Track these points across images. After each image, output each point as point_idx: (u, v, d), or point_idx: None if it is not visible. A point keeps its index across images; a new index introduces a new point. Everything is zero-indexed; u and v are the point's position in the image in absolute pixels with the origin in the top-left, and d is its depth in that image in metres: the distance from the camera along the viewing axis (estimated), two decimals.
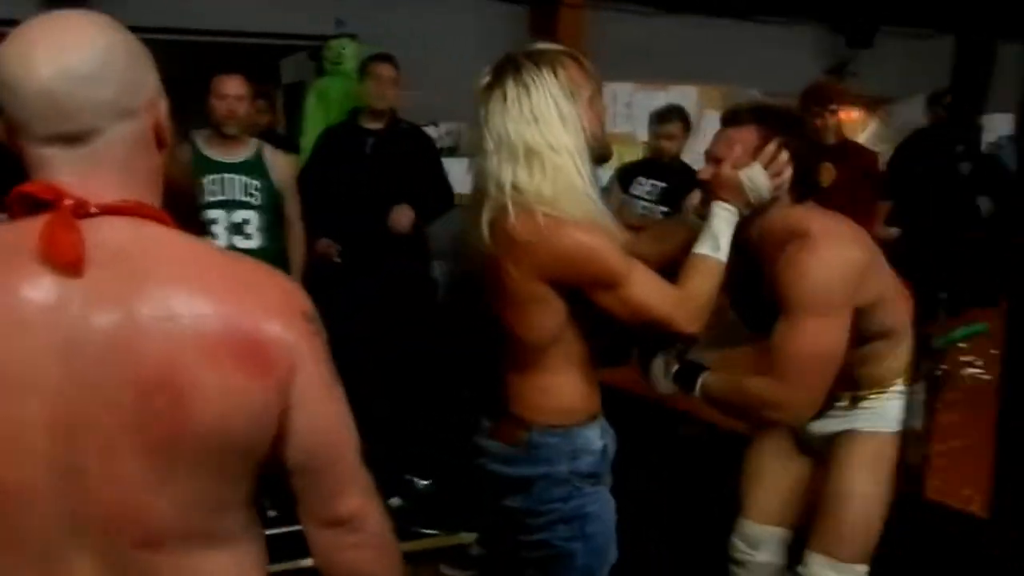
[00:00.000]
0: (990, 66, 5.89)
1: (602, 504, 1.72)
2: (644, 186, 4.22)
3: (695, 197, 1.87)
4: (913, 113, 6.15)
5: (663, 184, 4.16)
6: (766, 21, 5.82)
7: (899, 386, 1.99)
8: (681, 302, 1.61)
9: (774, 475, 2.17)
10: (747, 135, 1.78)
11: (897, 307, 1.93)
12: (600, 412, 1.75)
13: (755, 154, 1.76)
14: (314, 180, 3.69)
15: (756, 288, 1.85)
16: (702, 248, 1.70)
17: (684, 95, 5.64)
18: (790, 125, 1.78)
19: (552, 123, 1.54)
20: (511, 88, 1.56)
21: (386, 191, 3.64)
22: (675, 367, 1.88)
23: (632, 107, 5.28)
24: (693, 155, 5.81)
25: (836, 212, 1.89)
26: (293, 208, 3.53)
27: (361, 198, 3.67)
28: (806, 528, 2.07)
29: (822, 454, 2.06)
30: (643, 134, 5.61)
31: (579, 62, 1.63)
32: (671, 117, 4.21)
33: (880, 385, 1.97)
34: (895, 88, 6.35)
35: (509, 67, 1.59)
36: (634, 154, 5.23)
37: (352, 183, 3.66)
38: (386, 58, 3.76)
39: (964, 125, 5.38)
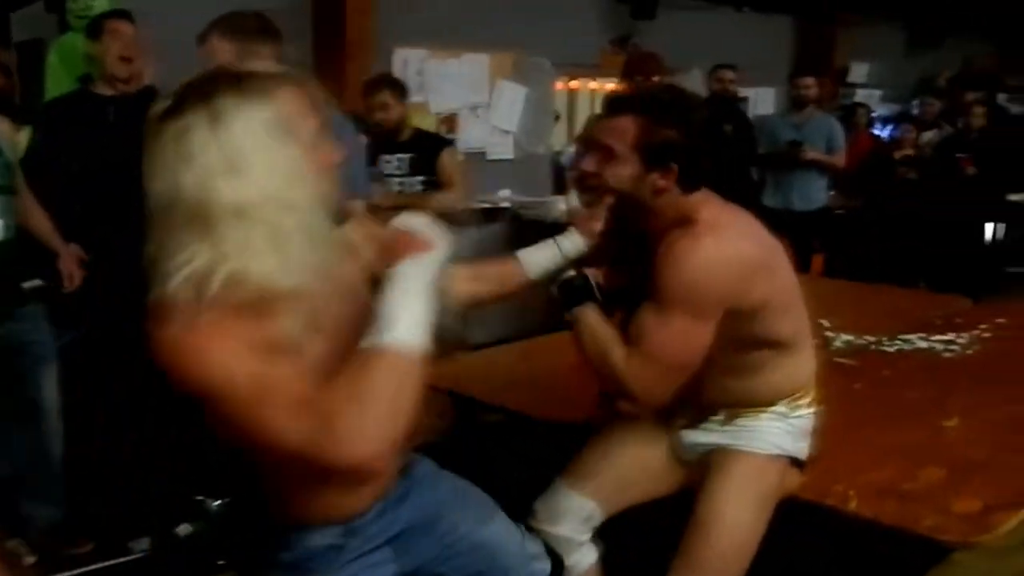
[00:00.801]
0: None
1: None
2: (391, 163, 4.03)
3: (572, 199, 1.63)
4: (693, 85, 6.31)
5: (408, 155, 4.00)
6: None
7: (782, 407, 1.80)
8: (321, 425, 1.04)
9: (623, 454, 1.92)
10: (625, 125, 1.59)
11: (792, 316, 1.77)
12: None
13: (635, 145, 1.55)
14: (45, 159, 3.11)
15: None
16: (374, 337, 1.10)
17: (477, 62, 5.44)
18: (675, 114, 1.59)
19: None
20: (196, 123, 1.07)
21: (137, 164, 3.13)
22: (570, 275, 1.67)
23: (424, 75, 5.00)
24: (481, 125, 5.78)
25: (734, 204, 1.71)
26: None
27: (107, 174, 3.13)
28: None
29: (692, 474, 1.87)
30: (437, 103, 5.40)
31: (304, 89, 1.15)
32: (380, 87, 3.96)
33: (759, 404, 1.79)
34: (676, 60, 6.47)
35: (192, 95, 1.09)
36: (429, 125, 4.96)
37: (95, 158, 3.12)
38: (124, 14, 3.26)
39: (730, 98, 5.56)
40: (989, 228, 6.83)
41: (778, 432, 1.79)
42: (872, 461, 2.00)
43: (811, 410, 1.84)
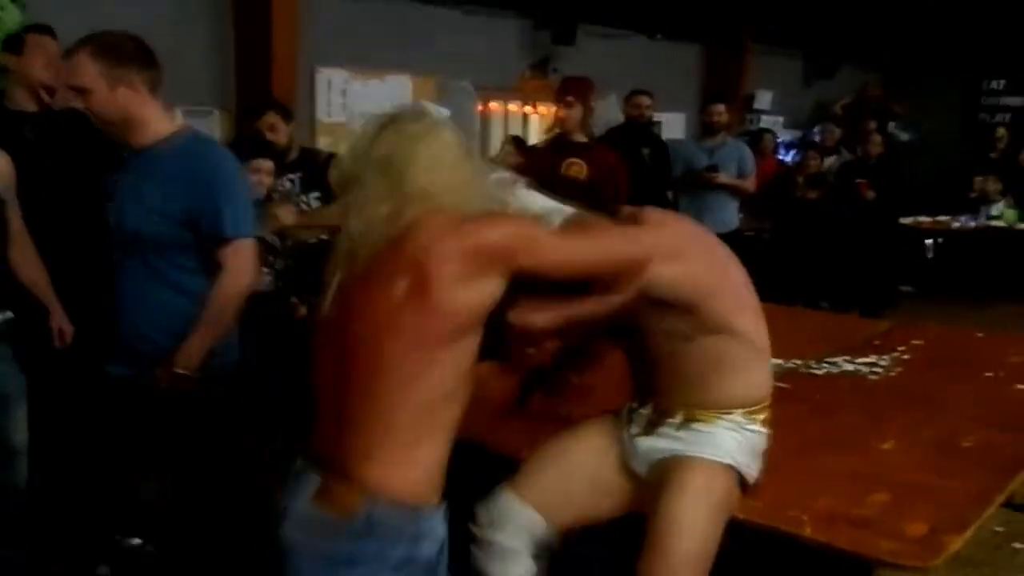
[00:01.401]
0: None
1: None
2: (285, 185, 4.02)
3: None
4: (610, 110, 6.44)
5: (297, 174, 4.02)
6: (474, 12, 5.75)
7: (738, 416, 1.83)
8: None
9: (571, 462, 1.91)
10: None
11: (745, 311, 1.81)
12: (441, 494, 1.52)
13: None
14: None
15: None
16: None
17: (400, 84, 5.42)
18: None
19: None
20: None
21: (61, 182, 3.00)
22: None
23: (347, 96, 4.95)
24: None
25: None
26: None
27: (25, 193, 2.98)
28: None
29: (642, 490, 1.89)
30: (360, 124, 5.32)
31: None
32: (266, 109, 4.02)
33: (718, 407, 1.80)
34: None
35: None
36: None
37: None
38: (47, 30, 3.14)
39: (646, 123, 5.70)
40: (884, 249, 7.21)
41: (732, 442, 1.81)
42: (820, 486, 2.06)
43: (765, 429, 1.87)
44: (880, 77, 9.46)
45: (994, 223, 7.90)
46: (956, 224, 7.86)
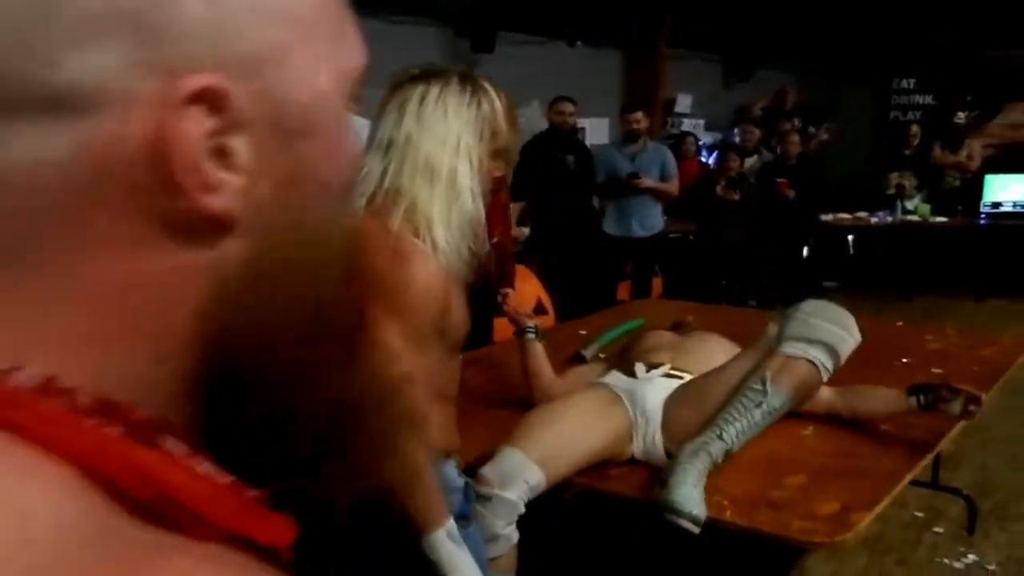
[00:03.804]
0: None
1: (474, 547, 1.51)
2: None
3: None
4: (533, 117, 6.47)
5: None
6: (394, 21, 5.73)
7: None
8: None
9: (571, 421, 2.12)
10: None
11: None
12: (456, 450, 1.63)
13: None
14: None
15: None
16: None
17: None
18: None
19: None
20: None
21: None
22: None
23: None
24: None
25: None
26: None
27: None
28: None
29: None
30: None
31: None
32: None
33: None
34: (514, 93, 6.63)
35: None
36: None
37: None
38: None
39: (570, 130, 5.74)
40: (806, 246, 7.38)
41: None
42: (741, 473, 2.09)
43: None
44: (795, 79, 9.71)
45: (909, 218, 8.15)
46: (874, 220, 8.09)
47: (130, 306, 0.34)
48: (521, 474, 1.96)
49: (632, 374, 2.36)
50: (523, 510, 1.97)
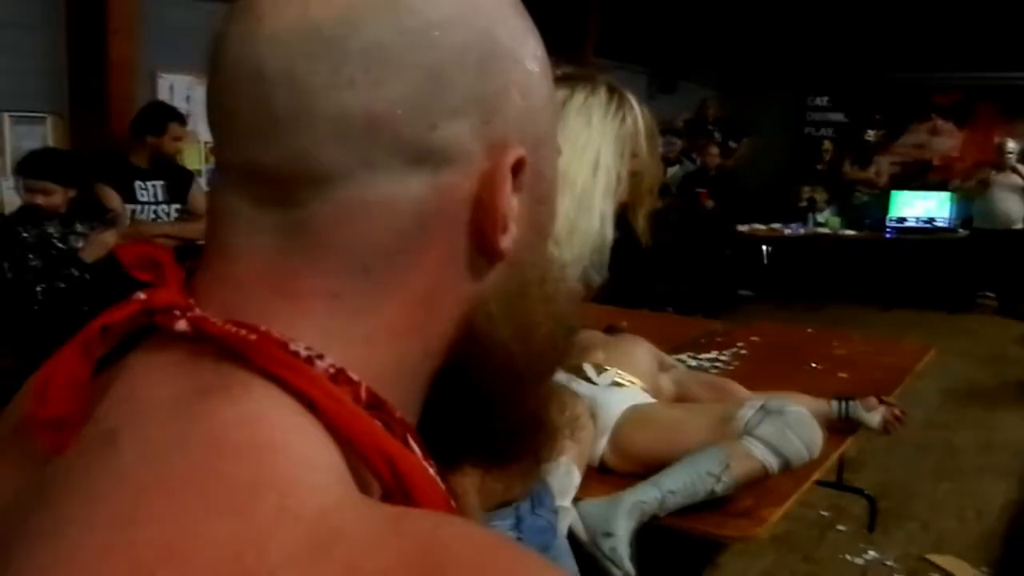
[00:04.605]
0: None
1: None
2: (148, 191, 4.02)
3: None
4: None
5: (161, 182, 4.07)
6: None
7: None
8: None
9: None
10: None
11: None
12: None
13: None
14: None
15: None
16: None
17: None
18: None
19: None
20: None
21: None
22: None
23: (192, 102, 4.80)
24: None
25: None
26: None
27: None
28: None
29: None
30: (206, 131, 5.18)
31: None
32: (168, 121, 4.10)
33: None
34: None
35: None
36: (196, 153, 4.78)
37: None
38: None
39: None
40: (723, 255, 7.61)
41: None
42: None
43: None
44: (717, 92, 9.99)
45: (821, 230, 8.49)
46: (788, 231, 8.40)
47: (429, 311, 0.45)
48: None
49: (585, 376, 2.36)
50: None
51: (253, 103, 0.42)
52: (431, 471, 0.44)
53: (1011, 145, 7.97)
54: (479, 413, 0.51)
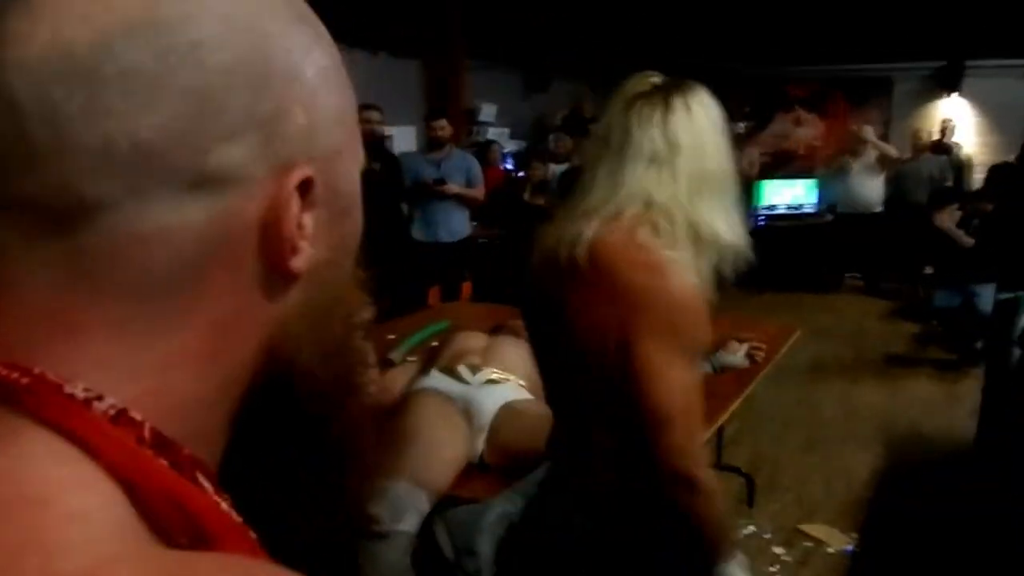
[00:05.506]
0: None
1: None
2: None
3: None
4: None
5: None
6: None
7: None
8: None
9: (429, 433, 2.13)
10: None
11: None
12: None
13: None
14: None
15: None
16: None
17: None
18: None
19: None
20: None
21: None
22: None
23: None
24: None
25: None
26: None
27: None
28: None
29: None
30: None
31: None
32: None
33: None
34: None
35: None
36: None
37: None
38: None
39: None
40: None
41: None
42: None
43: None
44: (588, 90, 10.20)
45: None
46: None
47: (224, 337, 0.44)
48: (411, 503, 1.95)
49: (459, 377, 2.41)
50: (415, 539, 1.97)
51: (9, 134, 0.39)
52: (224, 506, 0.43)
53: (868, 130, 8.50)
54: (301, 434, 0.50)
